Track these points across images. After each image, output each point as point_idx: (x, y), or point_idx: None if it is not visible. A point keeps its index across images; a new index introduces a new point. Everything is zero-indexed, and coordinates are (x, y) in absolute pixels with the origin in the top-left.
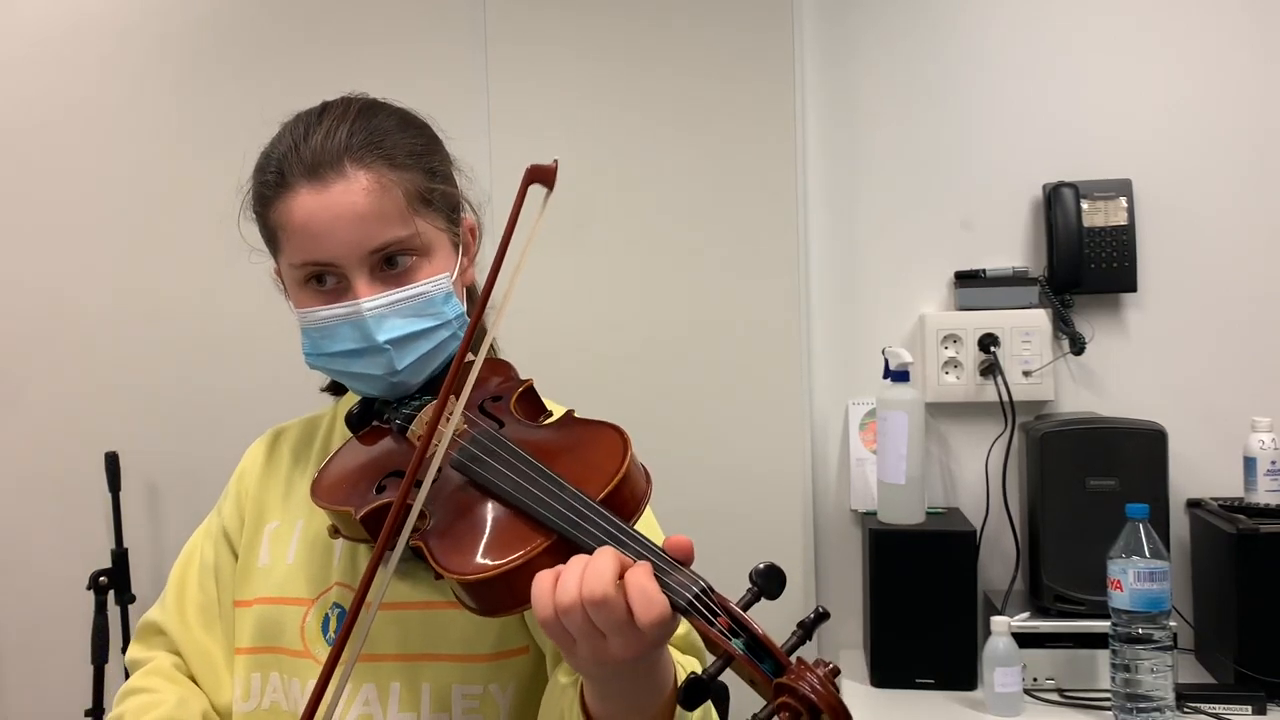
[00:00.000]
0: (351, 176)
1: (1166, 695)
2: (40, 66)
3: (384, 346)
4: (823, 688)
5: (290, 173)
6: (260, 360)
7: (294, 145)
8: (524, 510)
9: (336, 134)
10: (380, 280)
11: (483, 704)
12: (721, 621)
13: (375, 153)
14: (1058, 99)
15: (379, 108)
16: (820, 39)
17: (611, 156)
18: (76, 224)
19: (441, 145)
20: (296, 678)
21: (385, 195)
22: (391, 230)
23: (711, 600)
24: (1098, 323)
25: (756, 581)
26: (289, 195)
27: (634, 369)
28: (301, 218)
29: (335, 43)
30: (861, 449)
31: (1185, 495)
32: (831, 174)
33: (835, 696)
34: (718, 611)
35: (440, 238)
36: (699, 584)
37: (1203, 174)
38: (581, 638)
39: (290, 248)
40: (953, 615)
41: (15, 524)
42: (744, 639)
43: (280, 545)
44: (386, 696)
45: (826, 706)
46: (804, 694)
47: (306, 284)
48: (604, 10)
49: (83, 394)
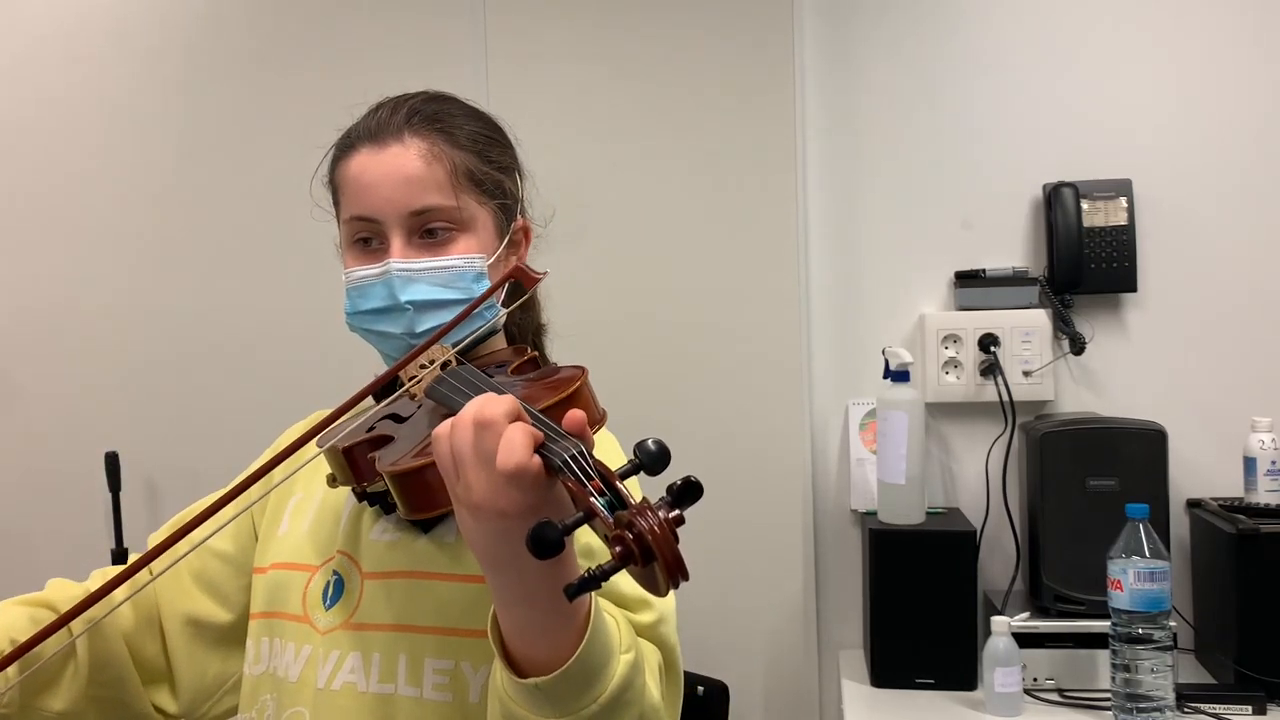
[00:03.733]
0: (408, 143)
1: (1166, 695)
2: (40, 66)
3: (405, 306)
4: (660, 529)
5: (357, 138)
6: (260, 360)
7: (368, 118)
8: None
9: (402, 109)
10: (416, 247)
11: (452, 679)
12: (593, 484)
13: (435, 127)
14: (1058, 99)
15: (453, 99)
16: (820, 40)
17: (612, 158)
18: (76, 224)
19: (510, 146)
20: (293, 642)
21: (435, 163)
22: (434, 197)
23: (587, 463)
24: (1098, 323)
25: (637, 455)
26: (352, 155)
27: (634, 369)
28: (355, 172)
29: (335, 43)
30: (861, 449)
31: (1185, 495)
32: (832, 174)
33: (670, 540)
34: (591, 474)
35: (485, 219)
36: (579, 448)
37: (1203, 174)
38: (459, 463)
39: (344, 202)
40: (953, 615)
41: (15, 524)
42: (608, 498)
43: (300, 516)
44: (369, 666)
45: (658, 547)
46: (640, 530)
47: (355, 243)
48: (604, 13)
49: (83, 394)
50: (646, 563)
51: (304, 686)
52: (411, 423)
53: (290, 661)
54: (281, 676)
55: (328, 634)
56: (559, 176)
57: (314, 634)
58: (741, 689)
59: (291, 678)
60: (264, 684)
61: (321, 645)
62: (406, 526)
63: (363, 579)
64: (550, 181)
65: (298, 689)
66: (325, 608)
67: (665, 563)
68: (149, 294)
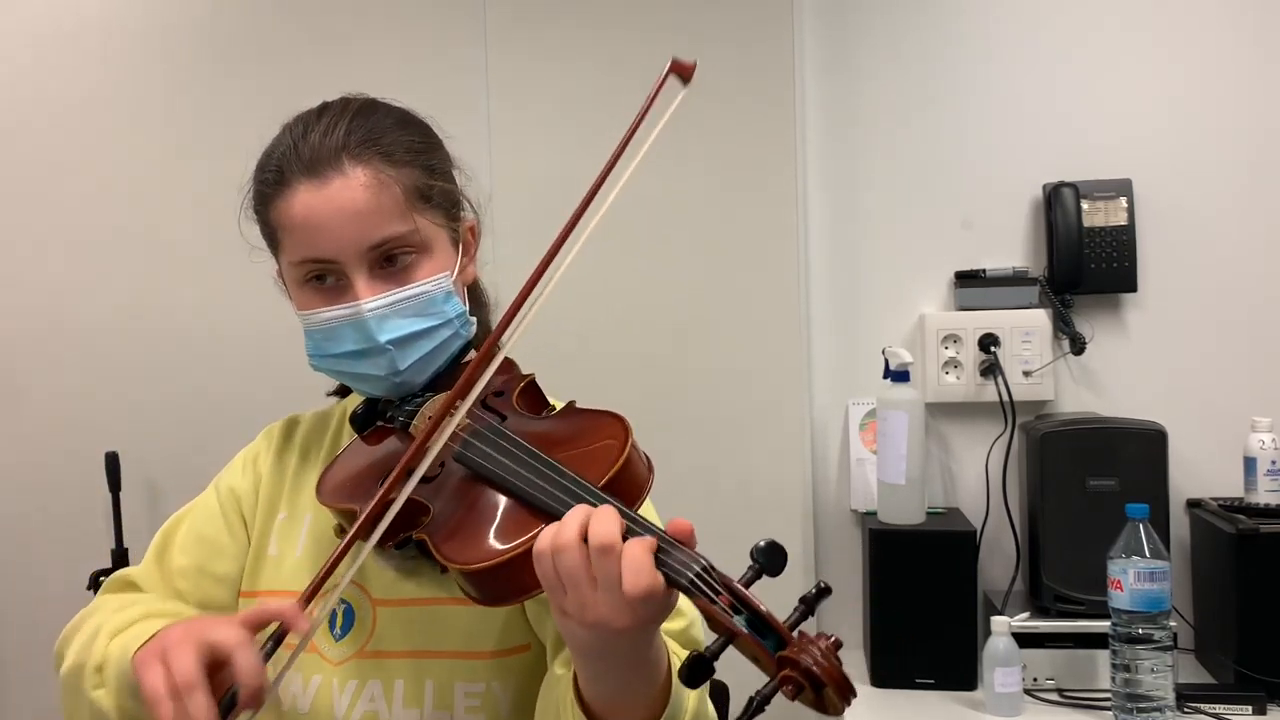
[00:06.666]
0: (350, 173)
1: (1166, 695)
2: (40, 66)
3: (385, 347)
4: (825, 660)
5: (289, 170)
6: (260, 360)
7: (293, 144)
8: (525, 498)
9: (334, 132)
10: (380, 278)
11: (485, 701)
12: (723, 599)
13: (373, 149)
14: (1058, 99)
15: (377, 106)
16: (820, 40)
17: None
18: (76, 224)
19: (441, 144)
20: (299, 673)
21: (384, 191)
22: (390, 226)
23: (713, 578)
24: (1098, 323)
25: (758, 559)
26: (288, 193)
27: (634, 369)
28: (301, 214)
29: (336, 43)
30: (861, 449)
31: (1185, 495)
32: (832, 174)
33: (838, 668)
34: (719, 589)
35: (440, 235)
36: (701, 562)
37: (1203, 174)
38: (571, 585)
39: (290, 245)
40: (953, 615)
41: (15, 524)
42: (746, 616)
43: (288, 539)
44: (391, 693)
45: (829, 678)
46: (806, 666)
47: (307, 283)
48: (604, 13)
49: (83, 394)
50: (818, 692)
51: (317, 718)
52: (444, 492)
53: (298, 693)
54: (288, 709)
55: (341, 664)
56: (557, 174)
57: (324, 664)
58: (741, 689)
59: (301, 709)
60: (265, 716)
61: (336, 675)
62: (416, 555)
63: (374, 606)
64: (550, 180)
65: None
66: (335, 638)
67: (838, 688)
68: (149, 294)
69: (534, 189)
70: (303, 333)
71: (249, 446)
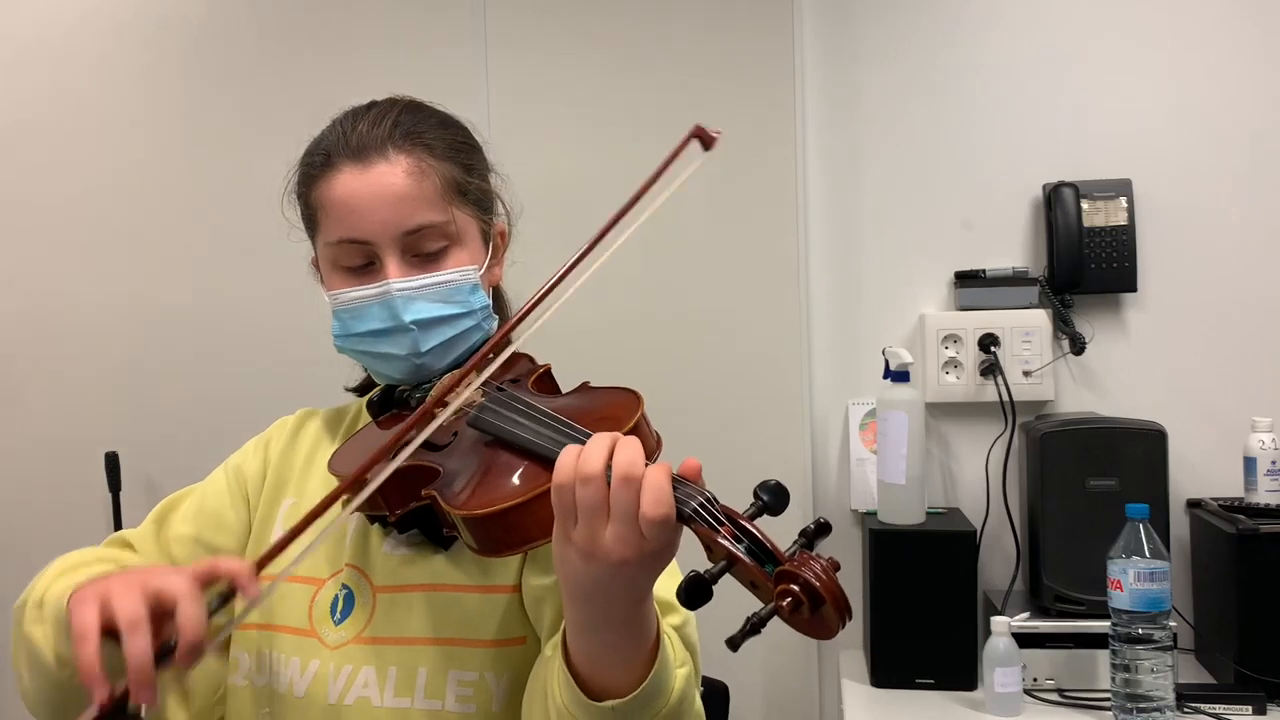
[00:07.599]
0: (393, 160)
1: (1166, 695)
2: (40, 66)
3: (409, 326)
4: (825, 575)
5: (335, 154)
6: (261, 360)
7: (342, 133)
8: (538, 451)
9: (382, 123)
10: (411, 264)
11: (477, 691)
12: (726, 529)
13: (416, 141)
14: (1058, 99)
15: (423, 106)
16: (820, 40)
17: (611, 158)
18: (76, 224)
19: (480, 147)
20: (297, 656)
21: (424, 179)
22: (426, 214)
23: (716, 508)
24: (1098, 323)
25: (762, 495)
26: (332, 174)
27: (634, 369)
28: (342, 195)
29: (335, 44)
30: (861, 449)
31: (1185, 495)
32: (832, 174)
33: (836, 585)
34: (722, 520)
35: (473, 230)
36: (705, 494)
37: (1203, 174)
38: (585, 516)
39: (329, 225)
40: (953, 615)
41: (15, 524)
42: (746, 545)
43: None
44: (384, 680)
45: (828, 593)
46: (805, 579)
47: (341, 269)
48: (604, 12)
49: (83, 394)
50: (816, 609)
51: (311, 703)
52: (455, 455)
53: (295, 676)
54: (284, 692)
55: (339, 649)
56: (558, 173)
57: (322, 648)
58: (741, 689)
59: (297, 693)
60: (261, 697)
61: (332, 660)
62: (420, 541)
63: (375, 592)
64: (549, 179)
65: (304, 705)
66: (335, 622)
67: (836, 604)
68: (149, 294)
69: (534, 189)
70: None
71: (263, 433)
